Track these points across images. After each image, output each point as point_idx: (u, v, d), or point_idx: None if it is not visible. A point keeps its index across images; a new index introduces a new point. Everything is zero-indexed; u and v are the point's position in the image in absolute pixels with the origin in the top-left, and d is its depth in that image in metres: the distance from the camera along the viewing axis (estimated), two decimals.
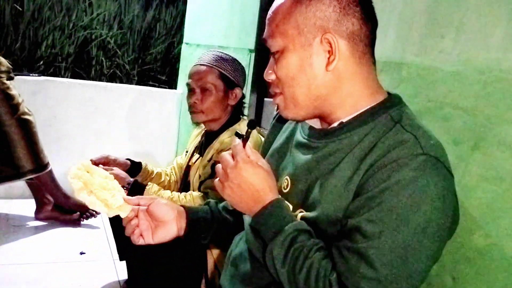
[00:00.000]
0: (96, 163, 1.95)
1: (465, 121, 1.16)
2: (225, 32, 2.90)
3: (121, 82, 4.85)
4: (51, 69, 4.60)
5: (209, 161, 1.95)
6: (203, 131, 2.14)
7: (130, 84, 4.82)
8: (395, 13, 1.40)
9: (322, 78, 0.97)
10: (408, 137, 0.91)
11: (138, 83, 4.90)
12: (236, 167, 0.97)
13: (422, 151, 0.88)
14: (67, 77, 4.59)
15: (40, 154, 2.11)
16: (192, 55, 3.37)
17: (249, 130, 1.02)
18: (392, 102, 1.00)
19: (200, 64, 2.00)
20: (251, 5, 2.61)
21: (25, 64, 4.44)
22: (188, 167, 2.11)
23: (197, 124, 2.12)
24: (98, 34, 4.85)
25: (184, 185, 2.12)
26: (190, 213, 1.20)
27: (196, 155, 2.08)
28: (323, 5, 0.95)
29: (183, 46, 3.66)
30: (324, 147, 1.01)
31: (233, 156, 0.99)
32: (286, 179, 1.07)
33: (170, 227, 1.16)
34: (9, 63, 2.28)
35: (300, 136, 1.10)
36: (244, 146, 0.99)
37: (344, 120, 1.00)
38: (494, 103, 1.10)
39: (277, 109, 1.14)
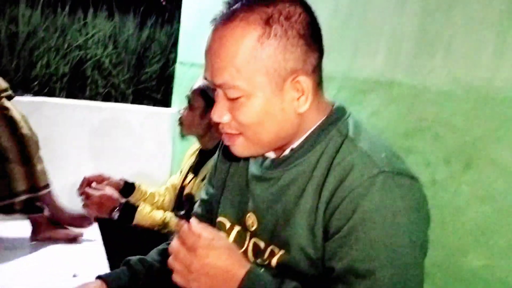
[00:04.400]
0: (90, 180, 1.96)
1: (456, 140, 1.16)
2: None
3: (116, 101, 4.85)
4: (46, 89, 4.60)
5: (202, 181, 1.94)
6: (197, 151, 2.14)
7: (125, 103, 4.83)
8: (385, 32, 1.41)
9: (291, 119, 0.91)
10: (359, 155, 0.88)
11: (133, 102, 4.90)
12: (196, 256, 0.85)
13: (379, 169, 0.85)
14: (62, 97, 4.59)
15: (36, 175, 2.08)
16: (186, 74, 3.37)
17: (189, 208, 0.96)
18: (337, 114, 0.96)
19: (197, 81, 2.04)
20: None
21: (20, 85, 4.44)
22: (182, 187, 2.10)
23: (182, 136, 2.17)
24: (93, 54, 4.86)
25: (178, 205, 2.11)
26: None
27: (190, 175, 2.07)
28: (292, 46, 0.87)
29: (177, 65, 3.66)
30: (280, 177, 0.96)
31: (183, 243, 0.87)
32: (250, 216, 1.02)
33: None
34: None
35: (254, 168, 1.04)
36: (190, 227, 0.87)
37: (294, 146, 0.95)
38: (484, 122, 1.09)
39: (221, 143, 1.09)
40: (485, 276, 1.07)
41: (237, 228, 1.06)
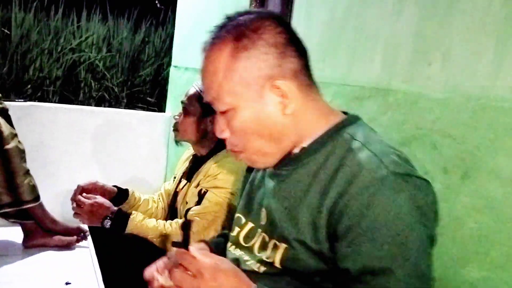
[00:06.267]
0: (84, 189, 1.93)
1: (455, 149, 1.14)
2: None
3: (110, 105, 4.83)
4: (39, 93, 4.58)
5: (196, 187, 1.92)
6: (191, 157, 2.11)
7: (119, 106, 4.81)
8: (381, 39, 1.39)
9: (281, 122, 0.98)
10: (369, 156, 0.92)
11: (127, 106, 4.89)
12: (204, 280, 0.87)
13: (388, 171, 0.88)
14: (55, 101, 4.56)
15: (20, 189, 2.06)
16: (181, 78, 3.35)
17: (184, 233, 0.96)
18: (348, 121, 1.02)
19: (192, 86, 2.01)
20: None
21: (13, 88, 4.41)
22: (175, 194, 2.08)
23: (176, 142, 2.15)
24: (87, 57, 4.84)
25: (171, 212, 2.08)
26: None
27: (184, 181, 2.05)
28: (263, 54, 0.95)
29: (172, 69, 3.64)
30: (291, 174, 1.01)
31: (186, 270, 0.89)
32: (263, 210, 1.07)
33: None
34: None
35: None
36: (190, 254, 0.90)
37: (304, 145, 1.01)
38: (483, 131, 1.08)
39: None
40: None
41: (250, 225, 1.11)
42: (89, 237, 2.05)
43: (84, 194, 1.88)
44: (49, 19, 4.97)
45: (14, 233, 2.49)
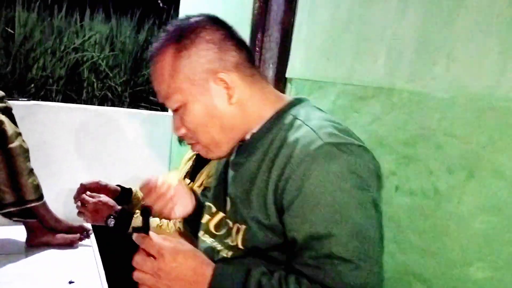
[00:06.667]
0: (87, 187, 1.94)
1: (459, 149, 1.13)
2: None
3: (113, 104, 4.83)
4: (42, 92, 4.59)
5: (199, 186, 1.92)
6: (194, 156, 2.11)
7: (122, 106, 4.81)
8: (385, 39, 1.39)
9: (229, 112, 1.06)
10: (306, 131, 0.98)
11: (130, 105, 4.89)
12: (164, 261, 0.93)
13: (323, 142, 0.94)
14: (58, 100, 4.57)
15: (23, 188, 2.06)
16: None
17: (144, 219, 1.01)
18: (293, 103, 1.10)
19: None
20: (241, 28, 2.60)
21: (16, 87, 4.42)
22: None
23: (179, 141, 2.16)
24: (90, 56, 4.85)
25: None
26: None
27: (187, 181, 2.05)
28: (203, 51, 1.03)
29: None
30: (246, 161, 1.08)
31: (147, 253, 0.95)
32: (227, 199, 1.13)
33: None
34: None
35: (232, 155, 1.17)
36: (151, 238, 0.95)
37: (254, 131, 1.09)
38: (488, 131, 1.07)
39: None
40: None
41: (221, 215, 1.17)
42: (93, 236, 2.06)
43: (88, 193, 1.89)
44: (52, 18, 4.98)
45: (17, 232, 2.49)
